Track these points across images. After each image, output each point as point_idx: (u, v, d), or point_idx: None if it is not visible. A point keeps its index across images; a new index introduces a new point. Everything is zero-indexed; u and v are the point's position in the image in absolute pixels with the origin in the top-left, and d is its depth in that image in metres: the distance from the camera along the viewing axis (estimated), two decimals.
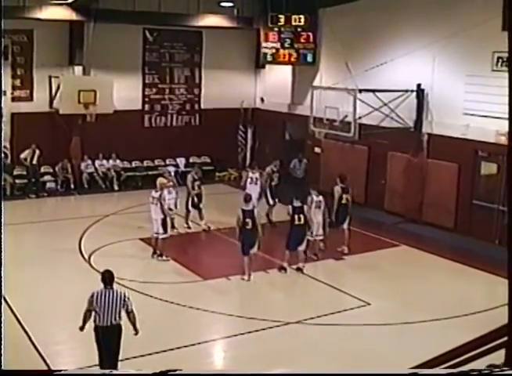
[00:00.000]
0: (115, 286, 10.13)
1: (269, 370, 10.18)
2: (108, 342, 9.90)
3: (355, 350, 11.88)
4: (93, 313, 9.88)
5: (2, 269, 7.22)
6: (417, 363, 5.77)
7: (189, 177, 19.53)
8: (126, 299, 9.85)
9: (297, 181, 21.52)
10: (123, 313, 9.90)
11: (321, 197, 16.58)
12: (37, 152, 22.87)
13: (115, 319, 9.80)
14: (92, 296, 9.87)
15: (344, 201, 17.21)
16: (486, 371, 4.79)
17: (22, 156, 22.79)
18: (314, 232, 16.40)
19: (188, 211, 19.29)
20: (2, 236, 7.45)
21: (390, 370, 8.39)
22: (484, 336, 5.04)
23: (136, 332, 10.10)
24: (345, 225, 17.31)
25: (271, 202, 20.13)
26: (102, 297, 9.79)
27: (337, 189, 17.26)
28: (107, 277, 9.96)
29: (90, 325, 10.03)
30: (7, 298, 12.02)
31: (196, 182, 19.25)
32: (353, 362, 11.17)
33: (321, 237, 16.74)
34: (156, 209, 16.40)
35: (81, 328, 10.04)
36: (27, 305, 13.00)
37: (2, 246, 7.31)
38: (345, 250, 17.22)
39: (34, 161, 22.99)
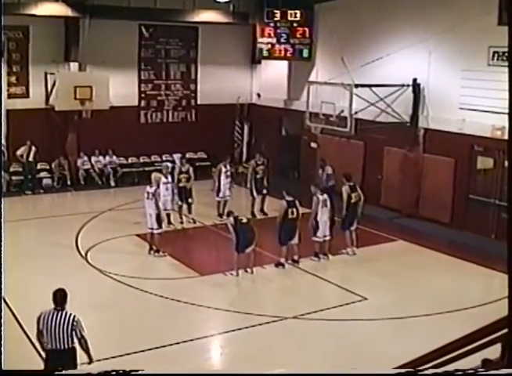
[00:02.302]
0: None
1: (266, 367, 10.21)
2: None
3: (352, 345, 11.91)
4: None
5: (2, 268, 7.22)
6: (415, 357, 5.78)
7: (176, 169, 19.54)
8: (74, 323, 8.81)
9: (326, 190, 18.24)
10: (75, 338, 8.90)
11: (326, 196, 16.46)
12: (34, 148, 22.82)
13: (64, 343, 8.82)
14: (39, 317, 8.96)
15: (353, 200, 16.91)
16: (470, 371, 4.81)
17: (18, 152, 22.76)
18: (321, 233, 16.29)
19: (179, 205, 19.28)
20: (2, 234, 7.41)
21: (385, 368, 8.42)
22: (483, 328, 5.05)
23: (90, 360, 9.01)
24: (353, 227, 17.09)
25: (255, 195, 20.20)
26: (49, 319, 8.85)
27: (346, 188, 16.95)
28: (58, 297, 8.96)
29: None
30: (4, 295, 12.02)
31: (183, 175, 19.20)
32: (350, 357, 11.20)
33: (329, 237, 16.48)
34: (151, 204, 16.37)
35: (42, 348, 9.10)
36: (23, 302, 12.98)
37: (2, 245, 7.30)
38: (354, 251, 17.04)
39: (31, 158, 22.93)
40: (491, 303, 13.22)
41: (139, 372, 5.27)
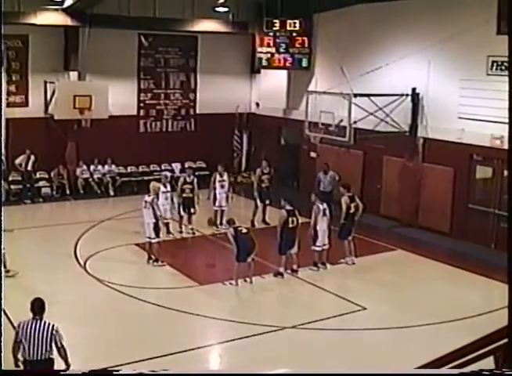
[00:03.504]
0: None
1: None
2: None
3: (351, 355, 11.87)
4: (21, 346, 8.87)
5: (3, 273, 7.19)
6: (414, 367, 5.76)
7: (181, 179, 19.55)
8: (54, 332, 8.82)
9: (324, 195, 18.97)
10: (54, 347, 8.90)
11: (325, 205, 16.49)
12: (32, 158, 22.81)
13: (43, 353, 8.80)
14: (19, 326, 8.93)
15: (352, 210, 16.87)
16: (497, 371, 4.79)
17: (17, 161, 22.73)
18: (321, 242, 16.25)
19: (180, 215, 19.24)
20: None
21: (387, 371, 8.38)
22: (484, 338, 5.04)
23: (67, 366, 8.93)
24: (351, 236, 17.01)
25: (258, 205, 20.18)
26: (28, 328, 8.82)
27: (345, 199, 16.90)
28: (36, 306, 8.96)
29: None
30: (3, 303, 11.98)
31: (187, 186, 19.18)
32: (349, 367, 11.15)
33: (327, 246, 16.44)
34: (149, 213, 16.35)
35: (15, 363, 8.87)
36: (21, 310, 12.93)
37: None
38: (353, 260, 16.99)
39: (29, 167, 22.92)
40: (490, 313, 13.20)
41: (120, 372, 5.33)
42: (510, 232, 5.27)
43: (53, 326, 8.89)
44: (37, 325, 8.85)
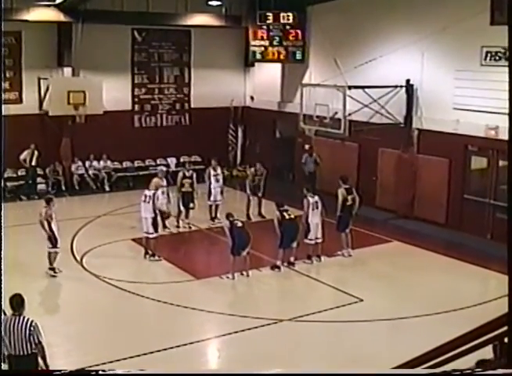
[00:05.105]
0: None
1: (263, 369, 10.20)
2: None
3: (348, 347, 11.92)
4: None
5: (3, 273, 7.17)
6: (410, 358, 5.77)
7: (180, 174, 19.54)
8: (32, 329, 8.73)
9: (308, 176, 22.40)
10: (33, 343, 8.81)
11: (317, 198, 16.43)
12: (36, 153, 22.80)
13: (24, 349, 8.75)
14: (0, 323, 8.65)
15: (349, 203, 16.84)
16: (468, 371, 4.80)
17: (21, 157, 22.65)
18: (313, 235, 16.24)
19: (179, 210, 19.24)
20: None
21: (383, 369, 8.41)
22: (481, 327, 5.05)
23: (46, 366, 8.89)
24: (348, 229, 16.98)
25: (250, 198, 20.30)
26: (7, 324, 8.75)
27: (342, 191, 16.86)
28: (15, 302, 8.91)
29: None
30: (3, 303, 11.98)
31: (186, 180, 19.18)
32: (346, 358, 11.20)
33: (321, 240, 16.39)
34: (148, 207, 16.36)
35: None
36: None
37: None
38: (350, 252, 17.00)
39: (33, 162, 22.91)
40: (487, 303, 13.24)
41: (108, 372, 5.36)
42: (509, 220, 5.27)
43: (31, 322, 8.83)
44: (16, 321, 8.82)
